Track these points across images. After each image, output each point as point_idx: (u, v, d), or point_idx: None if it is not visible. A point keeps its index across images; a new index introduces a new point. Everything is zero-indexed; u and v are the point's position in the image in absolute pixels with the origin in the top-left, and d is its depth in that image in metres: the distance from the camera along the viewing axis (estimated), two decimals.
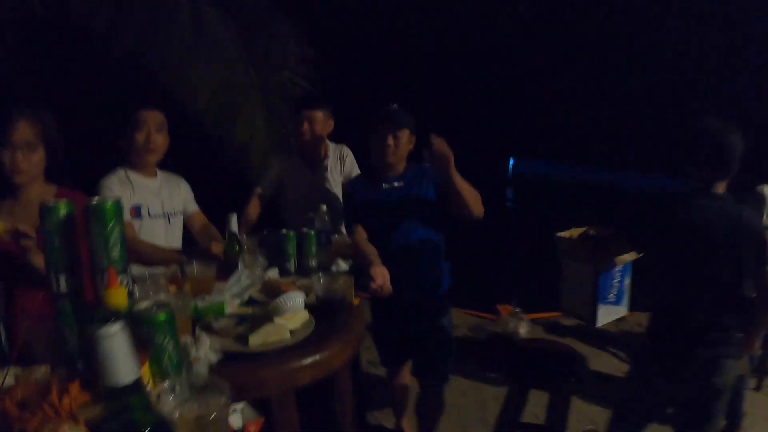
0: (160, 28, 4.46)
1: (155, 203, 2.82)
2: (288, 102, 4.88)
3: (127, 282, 1.39)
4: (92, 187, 2.67)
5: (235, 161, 4.84)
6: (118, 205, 1.34)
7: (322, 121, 3.45)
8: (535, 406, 3.92)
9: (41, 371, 1.39)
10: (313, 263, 2.70)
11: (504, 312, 5.34)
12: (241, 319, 1.81)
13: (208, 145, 4.80)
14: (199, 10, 4.55)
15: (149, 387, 1.19)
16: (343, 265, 2.71)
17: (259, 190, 3.50)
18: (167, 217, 2.87)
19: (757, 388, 4.37)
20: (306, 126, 3.40)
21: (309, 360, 1.75)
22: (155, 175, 2.87)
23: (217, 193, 3.14)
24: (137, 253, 2.64)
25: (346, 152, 3.65)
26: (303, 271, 2.64)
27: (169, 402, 1.10)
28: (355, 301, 2.29)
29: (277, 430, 1.78)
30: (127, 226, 2.50)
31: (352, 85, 6.27)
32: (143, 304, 1.29)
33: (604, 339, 4.61)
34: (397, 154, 2.89)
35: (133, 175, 2.76)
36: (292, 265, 2.67)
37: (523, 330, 4.97)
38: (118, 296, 1.21)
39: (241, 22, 4.73)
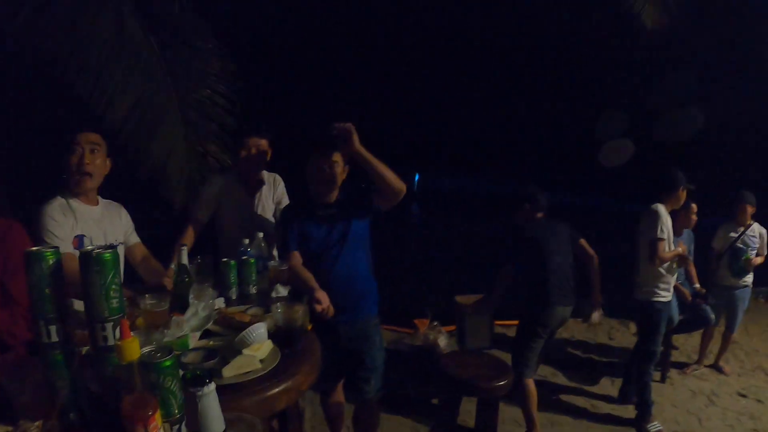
0: (80, 35, 4.31)
1: (98, 233, 2.73)
2: (206, 119, 4.86)
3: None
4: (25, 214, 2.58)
5: (152, 179, 4.74)
6: (116, 255, 1.35)
7: (266, 149, 3.51)
8: (465, 414, 4.12)
9: (33, 427, 1.37)
10: (254, 290, 2.77)
11: (421, 326, 5.54)
12: (208, 352, 1.84)
13: (123, 161, 4.69)
14: (122, 21, 4.45)
15: None
16: (282, 291, 2.79)
17: (197, 215, 3.49)
18: (110, 248, 2.78)
19: (662, 380, 5.20)
20: (252, 152, 3.45)
21: (283, 386, 1.86)
22: (96, 202, 2.78)
23: (131, 211, 3.07)
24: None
25: (279, 180, 3.73)
26: (243, 298, 2.69)
27: None
28: (309, 327, 2.37)
29: None
30: (69, 258, 2.43)
31: (269, 102, 6.29)
32: (146, 350, 1.31)
33: None
34: (331, 180, 2.99)
35: (74, 203, 2.67)
36: (233, 293, 2.72)
37: (443, 342, 5.19)
38: (132, 347, 1.23)
39: (163, 36, 4.65)
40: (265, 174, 3.70)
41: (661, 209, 4.30)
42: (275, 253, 3.34)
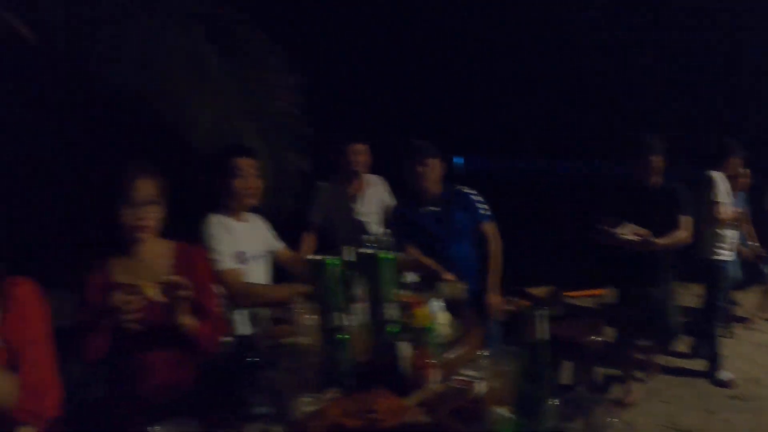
0: (158, 63, 4.71)
1: (251, 247, 3.04)
2: (281, 130, 5.30)
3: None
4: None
5: None
6: (393, 258, 1.79)
7: (365, 154, 3.94)
8: None
9: (329, 394, 1.81)
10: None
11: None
12: None
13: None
14: (196, 46, 4.85)
15: None
16: (413, 277, 3.23)
17: (311, 219, 3.94)
18: (261, 258, 3.11)
19: (728, 335, 5.59)
20: (353, 158, 3.89)
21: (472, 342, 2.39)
22: (246, 218, 3.10)
23: None
24: (259, 296, 2.91)
25: (382, 182, 4.15)
26: None
27: None
28: None
29: None
30: (234, 273, 2.85)
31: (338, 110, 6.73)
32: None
33: None
34: (430, 180, 3.46)
35: (229, 221, 2.97)
36: None
37: None
38: (423, 314, 1.70)
39: (236, 57, 5.06)
40: (368, 177, 4.12)
41: (716, 175, 4.74)
42: None
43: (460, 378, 1.79)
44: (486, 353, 1.76)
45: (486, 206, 3.68)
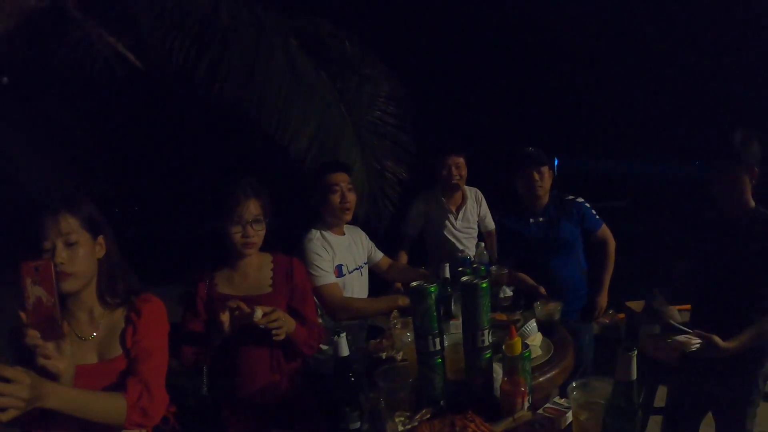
0: (258, 77, 4.93)
1: (350, 259, 3.21)
2: (379, 138, 5.44)
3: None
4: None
5: None
6: (488, 285, 1.87)
7: (464, 167, 4.02)
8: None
9: (422, 414, 1.91)
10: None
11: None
12: None
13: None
14: (294, 58, 5.05)
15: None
16: (508, 291, 3.29)
17: (407, 230, 4.06)
18: (359, 269, 3.27)
19: None
20: (453, 171, 3.98)
21: (555, 371, 2.47)
22: (344, 232, 3.27)
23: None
24: (357, 310, 3.09)
25: (480, 196, 4.22)
26: None
27: None
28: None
29: None
30: (334, 287, 2.99)
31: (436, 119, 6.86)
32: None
33: None
34: (543, 188, 3.48)
35: (329, 236, 3.15)
36: None
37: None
38: (518, 344, 1.77)
39: (334, 66, 5.25)
40: (467, 189, 4.20)
41: None
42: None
43: (551, 407, 1.85)
44: (576, 384, 1.80)
45: (595, 212, 3.69)
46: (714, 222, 2.79)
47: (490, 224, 4.34)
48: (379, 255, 3.53)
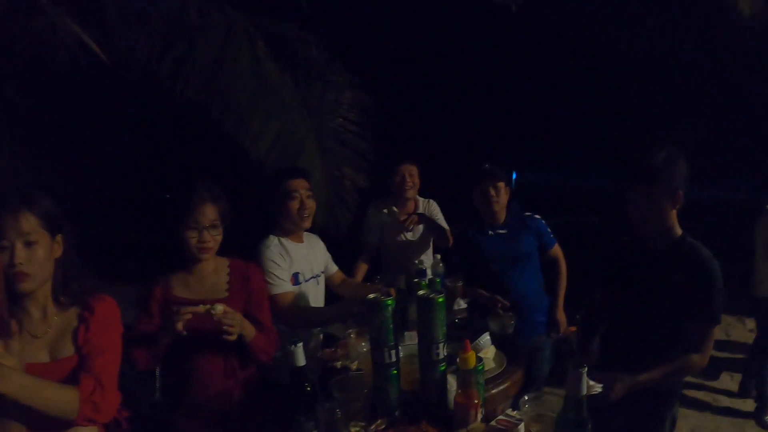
0: (222, 78, 4.88)
1: (307, 268, 3.16)
2: (339, 146, 5.43)
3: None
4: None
5: None
6: (444, 300, 1.88)
7: (417, 175, 4.03)
8: None
9: (378, 424, 1.92)
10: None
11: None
12: None
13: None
14: (259, 61, 5.01)
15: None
16: (462, 304, 3.31)
17: (366, 239, 4.04)
18: (316, 278, 3.23)
19: None
20: (407, 179, 3.97)
21: (506, 384, 2.47)
22: (302, 240, 3.22)
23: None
24: (312, 318, 3.07)
25: (434, 207, 4.22)
26: None
27: None
28: None
29: None
30: (290, 296, 2.97)
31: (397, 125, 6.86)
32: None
33: None
34: (499, 204, 3.51)
35: (287, 243, 3.10)
36: None
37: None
38: (472, 358, 1.79)
39: (298, 73, 5.22)
40: (420, 200, 4.21)
41: None
42: None
43: (503, 419, 1.87)
44: (529, 397, 1.83)
45: (550, 230, 3.76)
46: (631, 247, 2.57)
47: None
48: (333, 268, 3.50)
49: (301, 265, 3.14)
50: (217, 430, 2.50)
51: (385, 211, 4.21)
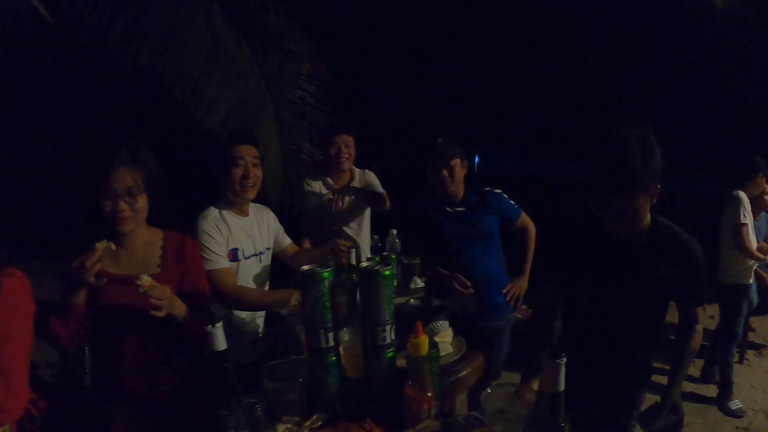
0: (176, 44, 4.52)
1: (248, 244, 2.89)
2: (297, 119, 5.09)
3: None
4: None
5: None
6: (393, 272, 1.59)
7: (353, 146, 3.75)
8: None
9: (314, 420, 1.62)
10: (395, 283, 3.02)
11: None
12: None
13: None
14: (215, 29, 4.66)
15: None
16: (419, 282, 3.05)
17: (312, 202, 3.75)
18: (259, 255, 2.95)
19: (740, 361, 5.40)
20: (343, 149, 3.70)
21: (468, 370, 2.25)
22: (248, 213, 2.94)
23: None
24: (248, 301, 2.77)
25: (370, 176, 3.95)
26: None
27: None
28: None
29: None
30: (226, 273, 2.67)
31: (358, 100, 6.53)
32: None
33: None
34: (454, 183, 3.23)
35: (228, 216, 2.82)
36: None
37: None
38: (424, 343, 1.50)
39: (256, 41, 4.87)
40: (356, 171, 3.93)
41: (742, 195, 4.55)
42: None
43: (468, 415, 1.59)
44: (491, 390, 1.54)
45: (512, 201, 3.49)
46: (603, 241, 2.21)
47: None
48: (286, 241, 3.21)
49: (242, 240, 2.87)
50: (150, 420, 2.21)
51: (321, 182, 3.94)
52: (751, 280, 4.74)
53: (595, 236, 2.21)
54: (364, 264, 1.65)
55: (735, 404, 4.66)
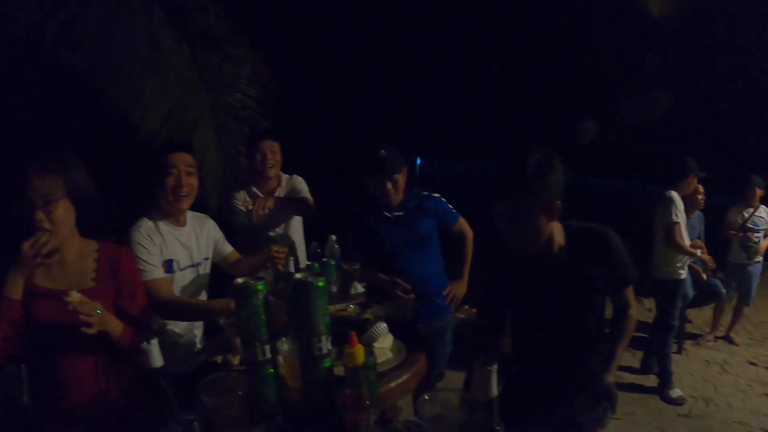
0: (114, 45, 4.40)
1: (184, 255, 2.78)
2: (237, 122, 5.02)
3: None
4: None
5: None
6: (327, 283, 1.56)
7: (278, 152, 3.67)
8: None
9: None
10: (334, 289, 2.99)
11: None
12: None
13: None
14: (154, 31, 4.56)
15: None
16: (359, 288, 3.01)
17: (242, 220, 3.62)
18: (196, 266, 2.84)
19: (678, 351, 5.60)
20: (268, 155, 3.61)
21: (407, 375, 2.21)
22: (184, 223, 2.82)
23: None
24: (184, 312, 2.68)
25: (297, 180, 3.86)
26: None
27: None
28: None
29: None
30: (162, 283, 2.58)
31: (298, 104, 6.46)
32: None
33: None
34: (397, 194, 3.21)
35: (163, 226, 2.70)
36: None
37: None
38: (360, 353, 1.50)
39: (196, 43, 4.78)
40: (283, 176, 3.84)
41: (675, 195, 4.70)
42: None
43: (408, 420, 1.58)
44: (428, 396, 1.54)
45: (451, 206, 3.46)
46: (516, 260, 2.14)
47: None
48: (227, 249, 3.09)
49: (177, 251, 2.74)
50: None
51: (245, 192, 3.80)
52: (685, 275, 4.88)
53: (511, 255, 2.13)
54: (297, 276, 1.62)
55: (675, 393, 4.79)
